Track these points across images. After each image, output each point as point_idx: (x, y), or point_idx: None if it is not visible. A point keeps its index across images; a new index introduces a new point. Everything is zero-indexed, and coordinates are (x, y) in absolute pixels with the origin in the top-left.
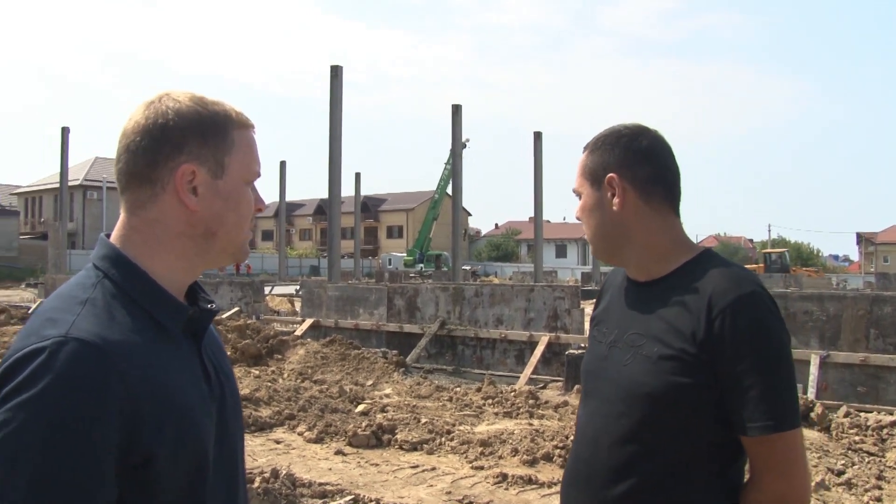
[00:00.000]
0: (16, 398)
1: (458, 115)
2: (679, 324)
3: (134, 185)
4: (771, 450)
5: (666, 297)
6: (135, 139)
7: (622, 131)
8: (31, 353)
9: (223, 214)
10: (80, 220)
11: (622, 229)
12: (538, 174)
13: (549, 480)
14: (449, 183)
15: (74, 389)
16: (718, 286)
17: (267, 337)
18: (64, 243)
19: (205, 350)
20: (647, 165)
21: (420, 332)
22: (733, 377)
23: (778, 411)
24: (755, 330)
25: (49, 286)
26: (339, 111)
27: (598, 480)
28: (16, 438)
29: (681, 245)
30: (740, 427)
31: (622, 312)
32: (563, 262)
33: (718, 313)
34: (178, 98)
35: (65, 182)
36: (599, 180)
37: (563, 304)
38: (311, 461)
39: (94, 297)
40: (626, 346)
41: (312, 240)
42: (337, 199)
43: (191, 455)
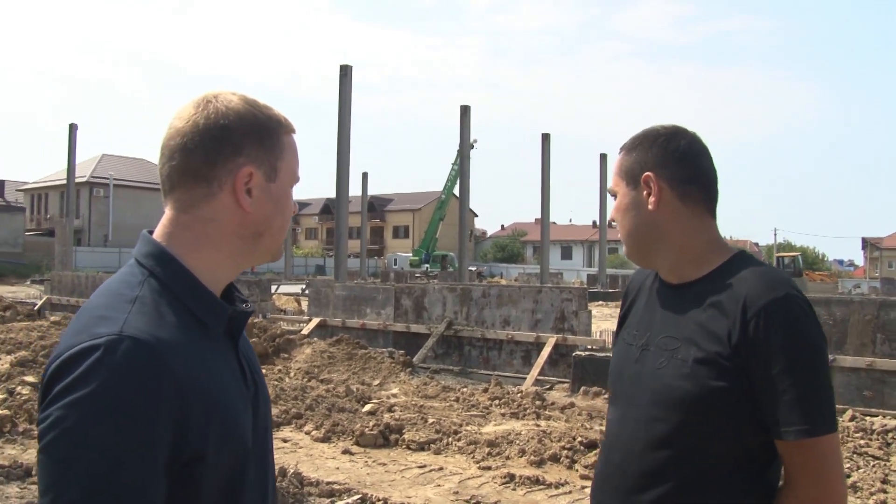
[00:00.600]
0: (70, 395)
1: (467, 116)
2: (714, 327)
3: (189, 183)
4: (806, 454)
5: (700, 299)
6: (193, 138)
7: (660, 131)
8: (84, 350)
9: (272, 217)
10: (86, 216)
11: (657, 229)
12: (545, 176)
13: (556, 481)
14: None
15: (129, 387)
16: (753, 289)
17: (273, 336)
18: (70, 240)
19: (240, 349)
20: (685, 166)
21: (427, 333)
22: (768, 381)
23: (814, 415)
24: (790, 333)
25: (55, 283)
26: (347, 111)
27: (630, 485)
28: (71, 436)
29: (716, 247)
30: (776, 431)
31: (654, 315)
32: (569, 263)
33: (753, 316)
34: (233, 99)
35: (72, 179)
36: (636, 180)
37: (571, 305)
38: (318, 460)
39: (143, 295)
40: (658, 350)
41: (318, 239)
42: (344, 199)
43: (233, 453)
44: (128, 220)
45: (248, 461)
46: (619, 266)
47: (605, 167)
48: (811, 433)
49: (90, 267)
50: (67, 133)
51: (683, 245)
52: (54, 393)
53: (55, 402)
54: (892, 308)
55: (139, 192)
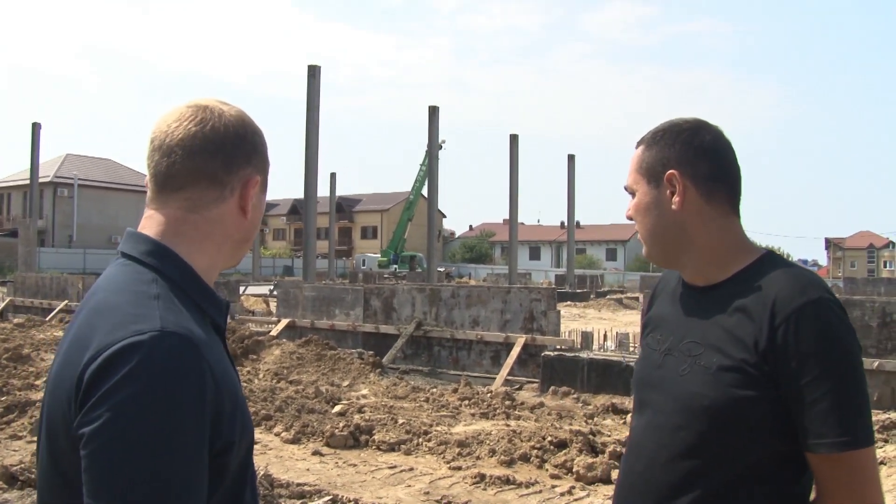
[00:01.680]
0: (120, 394)
1: (436, 116)
2: (740, 332)
3: (203, 185)
4: (840, 469)
5: (725, 303)
6: (214, 141)
7: (682, 125)
8: (127, 346)
9: (258, 225)
10: (50, 217)
11: (681, 230)
12: (513, 176)
13: (526, 481)
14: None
15: (180, 382)
16: (782, 291)
17: (242, 337)
18: (34, 241)
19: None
20: (710, 162)
21: (396, 333)
22: (800, 390)
23: (849, 427)
24: (823, 339)
25: (18, 284)
26: (315, 111)
27: (654, 495)
28: (128, 435)
29: (741, 247)
30: (807, 444)
31: (678, 319)
32: (537, 264)
33: (782, 321)
34: (235, 110)
35: (35, 179)
36: (658, 177)
37: (540, 305)
38: (288, 462)
39: (161, 292)
40: (682, 355)
41: (286, 240)
42: (312, 199)
43: (247, 441)
44: (93, 220)
45: (252, 445)
46: (586, 266)
47: (573, 168)
48: (847, 446)
49: (54, 268)
50: (30, 132)
51: (709, 246)
52: (102, 392)
53: (103, 403)
54: (854, 307)
55: (104, 193)
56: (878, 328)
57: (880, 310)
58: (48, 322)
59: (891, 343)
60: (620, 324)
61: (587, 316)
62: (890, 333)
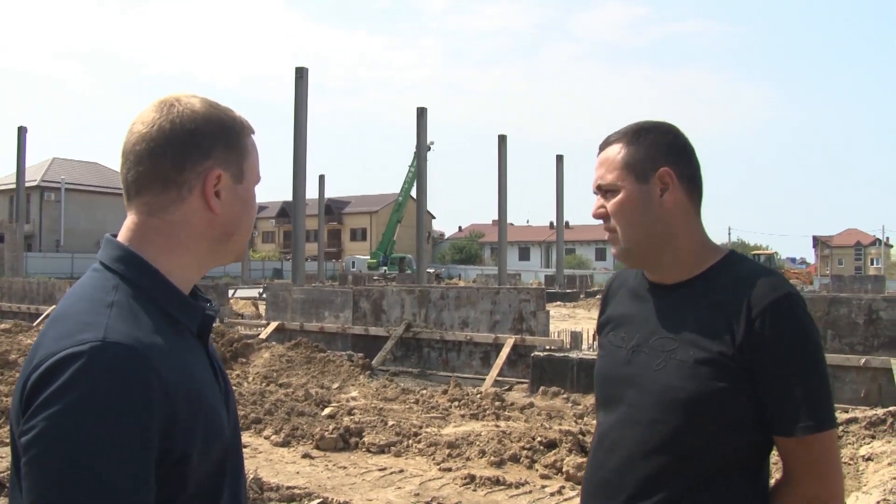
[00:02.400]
0: (57, 404)
1: (424, 117)
2: (716, 326)
3: (157, 188)
4: (809, 450)
5: (698, 299)
6: (161, 143)
7: (663, 126)
8: (68, 356)
9: (240, 217)
10: (36, 221)
11: (667, 228)
12: (502, 177)
13: (516, 481)
14: (413, 185)
15: (118, 392)
16: (756, 288)
17: (231, 340)
18: (20, 245)
19: (210, 348)
20: (691, 163)
21: (386, 335)
22: (775, 379)
23: (819, 412)
24: (795, 332)
25: (5, 289)
26: (304, 113)
27: (630, 490)
28: (62, 445)
29: (708, 246)
30: (782, 428)
31: (644, 316)
32: (527, 264)
33: (758, 314)
34: (195, 103)
35: (21, 183)
36: (647, 174)
37: (529, 306)
38: (278, 465)
39: (119, 300)
40: (654, 351)
41: (275, 242)
42: (301, 202)
43: (215, 451)
44: (81, 224)
45: (227, 456)
46: (576, 266)
47: (561, 168)
48: (817, 428)
49: (42, 273)
50: (16, 136)
51: (688, 244)
52: (39, 402)
53: (42, 411)
54: (841, 304)
55: (92, 197)
56: (864, 325)
57: (867, 307)
58: (35, 327)
59: (877, 340)
60: None
61: (577, 316)
62: (876, 330)
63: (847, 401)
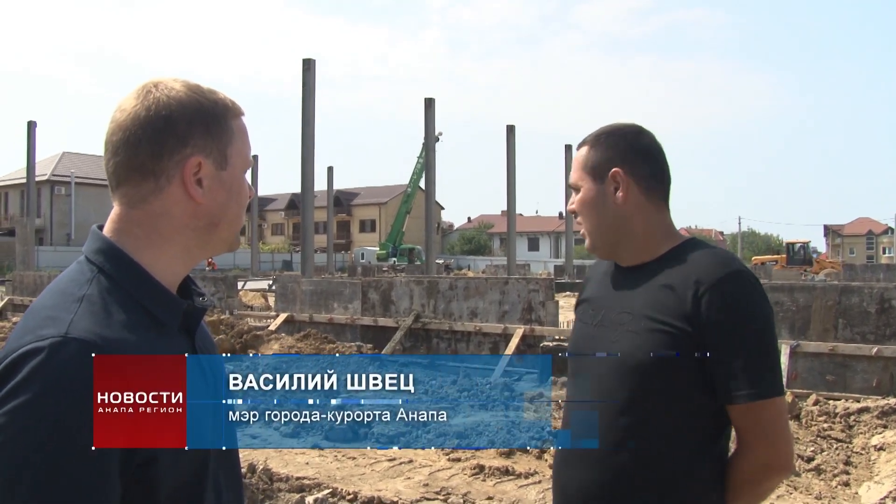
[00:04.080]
0: (12, 402)
1: (431, 108)
2: (667, 301)
3: (136, 179)
4: (756, 417)
5: (653, 278)
6: (136, 131)
7: (624, 129)
8: (27, 353)
9: (226, 205)
10: (47, 215)
11: (623, 222)
12: (511, 168)
13: (525, 471)
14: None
15: (75, 391)
16: (704, 266)
17: (241, 332)
18: (31, 239)
19: (198, 344)
20: (649, 163)
21: (395, 326)
22: (720, 349)
23: (763, 380)
24: (740, 304)
25: (17, 283)
26: (311, 105)
27: (594, 455)
28: (15, 445)
29: (669, 233)
30: (726, 396)
31: (608, 294)
32: (536, 255)
33: (705, 290)
34: (175, 87)
35: (31, 177)
36: (602, 175)
37: (538, 296)
38: (287, 455)
39: (91, 294)
40: (613, 325)
41: (285, 234)
42: (310, 194)
43: (192, 452)
44: (91, 218)
45: (208, 459)
46: (585, 257)
47: (569, 158)
48: (760, 395)
49: (53, 266)
50: (26, 130)
51: (644, 234)
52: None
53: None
54: (852, 293)
55: (102, 190)
56: (876, 314)
57: (878, 296)
58: None
59: (889, 329)
60: None
61: None
62: (888, 319)
63: (858, 390)
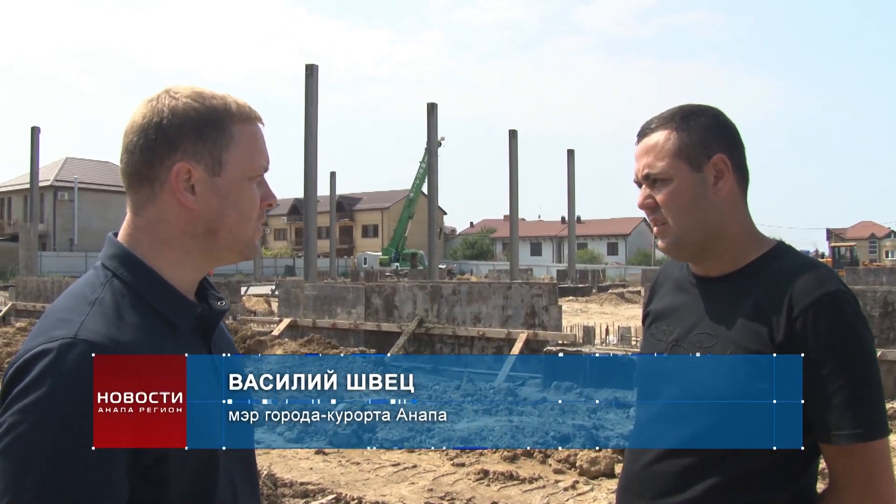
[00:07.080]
0: (24, 400)
1: (434, 113)
2: (755, 324)
3: (135, 186)
4: (856, 460)
5: (740, 294)
6: (132, 139)
7: (710, 109)
8: (38, 353)
9: (223, 212)
10: (50, 221)
11: (720, 218)
12: (513, 172)
13: (529, 476)
14: (424, 181)
15: (82, 391)
16: (800, 283)
17: (244, 337)
18: (35, 245)
19: (214, 347)
20: (742, 149)
21: (398, 331)
22: (817, 382)
23: (866, 418)
24: (840, 331)
25: (20, 288)
26: (314, 110)
27: (660, 487)
28: (25, 441)
29: (755, 237)
30: (824, 435)
31: (687, 309)
32: (539, 259)
33: (800, 313)
34: (177, 94)
35: (35, 183)
36: (700, 162)
37: (541, 301)
38: (291, 461)
39: (103, 297)
40: (692, 347)
41: (287, 240)
42: (312, 199)
43: (200, 452)
44: (94, 223)
45: (217, 460)
46: (588, 261)
47: (572, 162)
48: (864, 437)
49: (56, 272)
50: (30, 136)
51: (737, 236)
52: (10, 397)
53: (10, 407)
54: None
55: (105, 196)
56: (879, 318)
57: (882, 299)
58: None
59: (893, 332)
60: (622, 318)
61: (589, 311)
62: (892, 323)
63: None
